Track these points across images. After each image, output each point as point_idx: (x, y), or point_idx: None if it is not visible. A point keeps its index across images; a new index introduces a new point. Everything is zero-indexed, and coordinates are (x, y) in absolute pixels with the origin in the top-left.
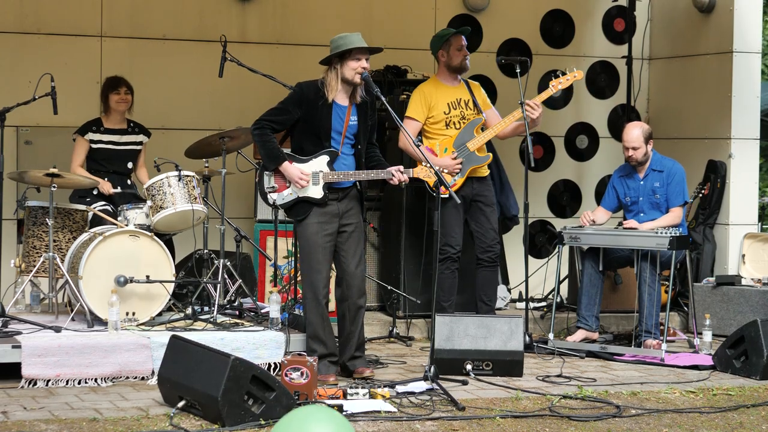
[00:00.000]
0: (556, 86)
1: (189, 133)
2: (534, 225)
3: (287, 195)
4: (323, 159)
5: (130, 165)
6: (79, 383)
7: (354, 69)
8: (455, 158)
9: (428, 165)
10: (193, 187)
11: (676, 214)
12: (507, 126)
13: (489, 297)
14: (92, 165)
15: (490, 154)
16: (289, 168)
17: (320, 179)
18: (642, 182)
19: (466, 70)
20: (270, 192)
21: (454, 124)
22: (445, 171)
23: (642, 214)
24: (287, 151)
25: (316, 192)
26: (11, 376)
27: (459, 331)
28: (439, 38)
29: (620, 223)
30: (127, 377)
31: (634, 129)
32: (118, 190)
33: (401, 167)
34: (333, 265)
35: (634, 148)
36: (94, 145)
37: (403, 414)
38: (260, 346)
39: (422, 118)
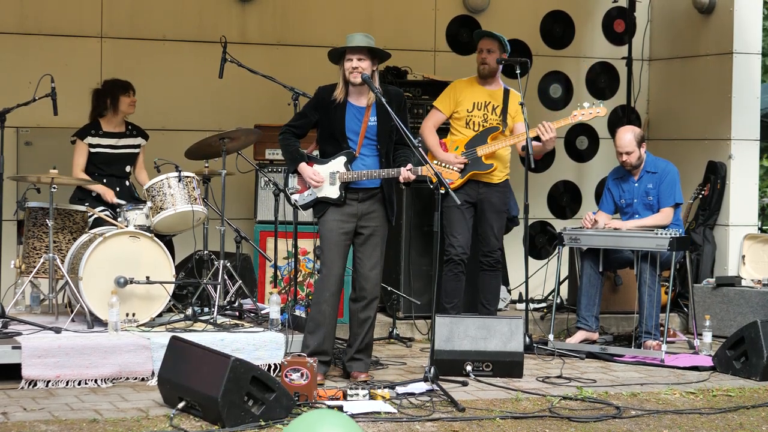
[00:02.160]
0: (576, 116)
1: (189, 133)
2: (534, 226)
3: (307, 196)
4: (341, 160)
5: (128, 168)
6: (79, 384)
7: (347, 70)
8: (461, 158)
9: (428, 164)
10: (193, 188)
11: (665, 215)
12: (521, 141)
13: (489, 301)
14: (90, 168)
15: (495, 164)
16: (305, 169)
17: (336, 179)
18: (636, 184)
19: (486, 75)
20: (292, 193)
21: (474, 125)
22: (446, 166)
23: (637, 216)
24: (316, 153)
25: (333, 192)
26: (11, 377)
27: (459, 332)
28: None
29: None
30: (127, 378)
31: (626, 133)
32: (123, 202)
33: (410, 165)
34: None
35: (627, 153)
36: (92, 149)
37: (403, 415)
38: (260, 347)
39: (447, 110)
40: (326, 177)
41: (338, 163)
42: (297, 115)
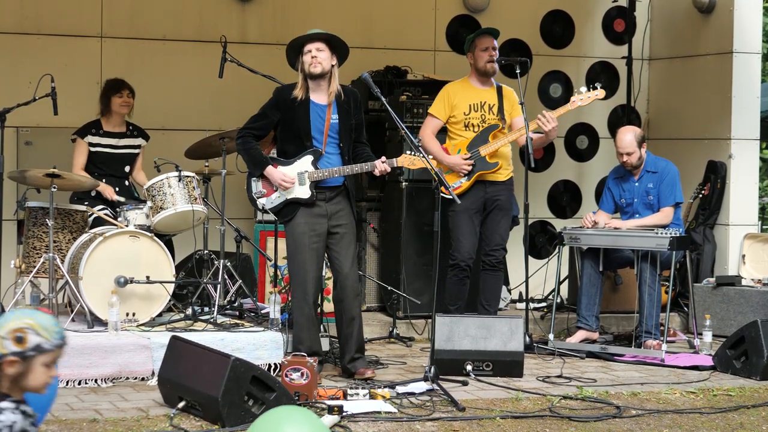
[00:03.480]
0: (576, 103)
1: (189, 133)
2: (534, 225)
3: (275, 198)
4: (307, 159)
5: (127, 169)
6: (79, 384)
7: (306, 62)
8: (467, 159)
9: (429, 166)
10: (193, 187)
11: (665, 214)
12: (522, 135)
13: (489, 302)
14: (89, 168)
15: (500, 162)
16: (272, 172)
17: (306, 179)
18: (637, 184)
19: (492, 74)
20: (259, 197)
21: (473, 126)
22: (415, 154)
23: (637, 215)
24: (273, 154)
25: (304, 192)
26: None
27: (459, 332)
28: (468, 40)
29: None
30: (128, 378)
31: (627, 134)
32: (122, 200)
33: (384, 157)
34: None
35: (628, 153)
36: (92, 149)
37: (404, 414)
38: (260, 346)
39: (443, 116)
40: (294, 177)
41: (305, 163)
42: (255, 117)
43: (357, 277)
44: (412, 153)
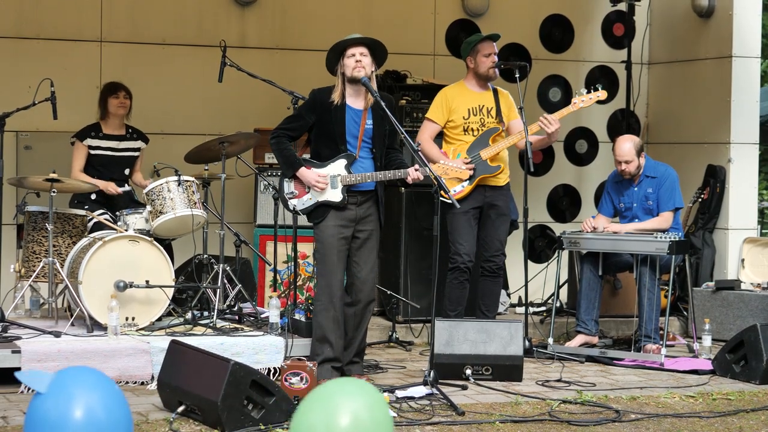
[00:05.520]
0: (577, 104)
1: (188, 138)
2: (533, 230)
3: (307, 200)
4: (341, 162)
5: (127, 171)
6: None
7: (349, 65)
8: (468, 163)
9: (428, 169)
10: (193, 192)
11: (664, 219)
12: (522, 139)
13: (488, 307)
14: (89, 171)
15: (502, 165)
16: (306, 173)
17: (338, 182)
18: (636, 189)
19: (494, 79)
20: (290, 198)
21: (472, 130)
22: (454, 166)
23: (636, 220)
24: (306, 156)
25: (336, 195)
26: (11, 381)
27: (458, 336)
28: (468, 44)
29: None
30: (127, 382)
31: (625, 142)
32: (126, 188)
33: (417, 165)
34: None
35: (626, 162)
36: (92, 151)
37: (403, 419)
38: (260, 350)
39: (441, 120)
40: (327, 180)
41: (338, 166)
42: (290, 118)
43: (374, 285)
44: (445, 164)
